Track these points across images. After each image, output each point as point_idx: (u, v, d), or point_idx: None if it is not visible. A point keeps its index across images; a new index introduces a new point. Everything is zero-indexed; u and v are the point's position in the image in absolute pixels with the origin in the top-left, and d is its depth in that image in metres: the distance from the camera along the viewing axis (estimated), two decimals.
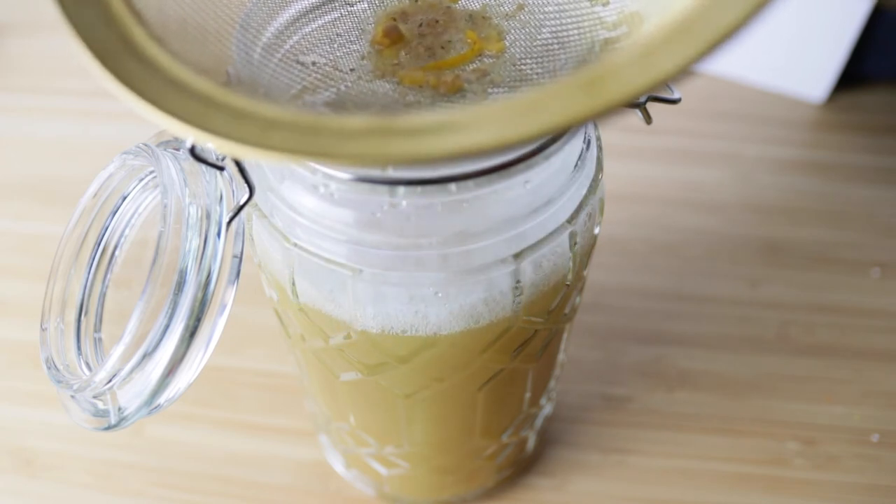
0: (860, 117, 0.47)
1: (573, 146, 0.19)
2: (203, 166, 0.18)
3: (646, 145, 0.45)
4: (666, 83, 0.13)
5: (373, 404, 0.24)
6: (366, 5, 0.21)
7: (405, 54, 0.19)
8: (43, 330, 0.21)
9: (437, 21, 0.19)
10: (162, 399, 0.18)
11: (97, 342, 0.21)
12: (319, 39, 0.21)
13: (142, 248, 0.21)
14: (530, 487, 0.31)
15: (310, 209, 0.18)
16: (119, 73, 0.14)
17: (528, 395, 0.26)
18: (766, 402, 0.34)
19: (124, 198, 0.21)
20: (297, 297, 0.20)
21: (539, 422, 0.29)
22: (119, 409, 0.18)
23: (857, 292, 0.38)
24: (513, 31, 0.19)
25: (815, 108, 0.48)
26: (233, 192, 0.19)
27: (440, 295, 0.19)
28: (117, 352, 0.17)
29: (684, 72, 0.12)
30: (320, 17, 0.21)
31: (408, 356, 0.21)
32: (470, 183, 0.17)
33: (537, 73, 0.18)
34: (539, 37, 0.19)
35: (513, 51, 0.19)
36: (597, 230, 0.22)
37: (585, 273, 0.23)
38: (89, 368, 0.20)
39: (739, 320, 0.37)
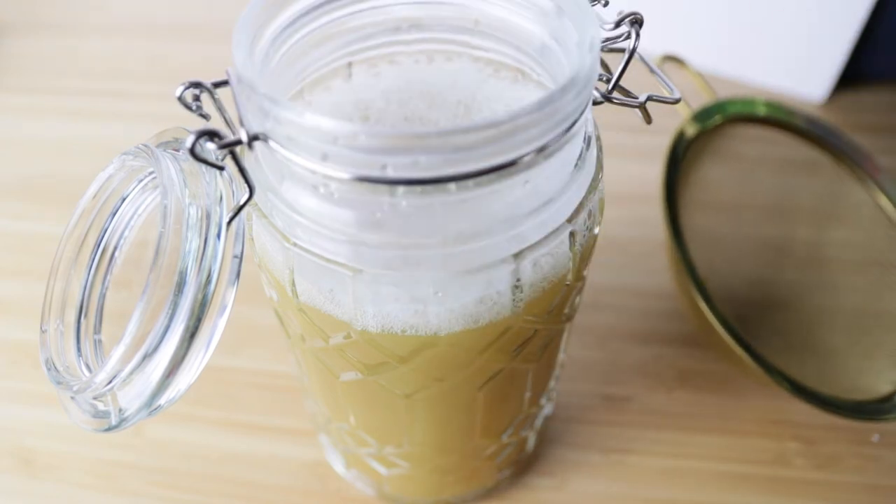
0: (860, 117, 0.47)
1: (573, 146, 0.19)
2: (203, 166, 0.18)
3: (646, 145, 0.45)
4: None
5: (373, 404, 0.24)
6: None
7: None
8: (43, 331, 0.21)
9: None
10: (162, 400, 0.18)
11: (97, 343, 0.21)
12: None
13: (142, 249, 0.21)
14: (530, 487, 0.31)
15: (310, 209, 0.18)
16: None
17: (528, 394, 0.26)
18: (766, 402, 0.34)
19: (124, 199, 0.21)
20: (297, 296, 0.20)
21: (539, 422, 0.29)
22: (119, 410, 0.18)
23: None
24: None
25: (815, 108, 0.48)
26: (233, 192, 0.19)
27: (440, 295, 0.19)
28: (117, 353, 0.17)
29: None
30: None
31: (408, 356, 0.21)
32: (470, 183, 0.17)
33: None
34: None
35: None
36: (597, 230, 0.22)
37: (585, 273, 0.23)
38: (89, 370, 0.20)
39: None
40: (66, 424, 0.33)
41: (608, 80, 0.21)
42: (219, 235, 0.18)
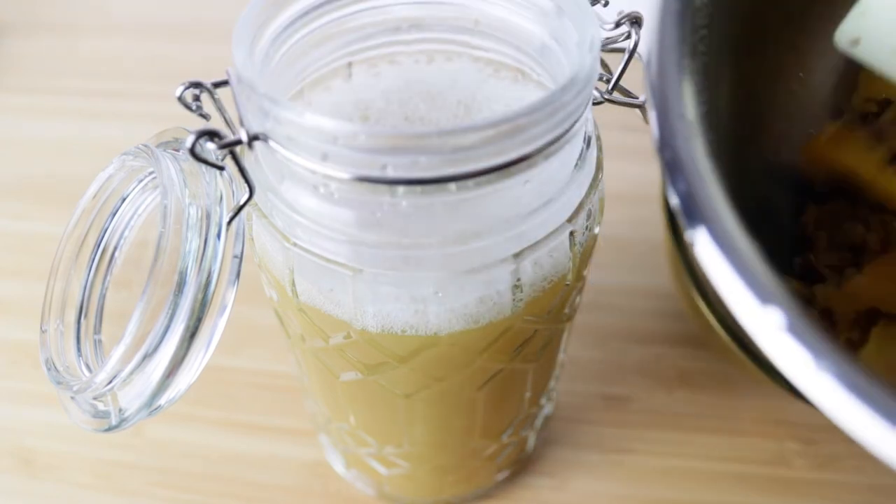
0: None
1: (573, 146, 0.19)
2: (203, 166, 0.18)
3: (646, 145, 0.45)
4: None
5: (373, 404, 0.24)
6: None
7: None
8: (42, 332, 0.21)
9: None
10: (162, 400, 0.18)
11: (97, 343, 0.21)
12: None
13: (142, 249, 0.21)
14: (530, 487, 0.31)
15: (310, 209, 0.18)
16: None
17: (528, 394, 0.26)
18: (766, 402, 0.34)
19: (124, 199, 0.21)
20: (297, 296, 0.20)
21: (539, 422, 0.29)
22: (119, 410, 0.18)
23: None
24: None
25: None
26: (233, 192, 0.19)
27: (440, 295, 0.19)
28: (117, 353, 0.17)
29: None
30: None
31: (408, 356, 0.21)
32: (470, 183, 0.17)
33: None
34: None
35: None
36: (597, 230, 0.22)
37: (585, 273, 0.23)
38: (89, 370, 0.20)
39: None
40: (66, 424, 0.33)
41: (608, 80, 0.21)
42: (219, 235, 0.18)
